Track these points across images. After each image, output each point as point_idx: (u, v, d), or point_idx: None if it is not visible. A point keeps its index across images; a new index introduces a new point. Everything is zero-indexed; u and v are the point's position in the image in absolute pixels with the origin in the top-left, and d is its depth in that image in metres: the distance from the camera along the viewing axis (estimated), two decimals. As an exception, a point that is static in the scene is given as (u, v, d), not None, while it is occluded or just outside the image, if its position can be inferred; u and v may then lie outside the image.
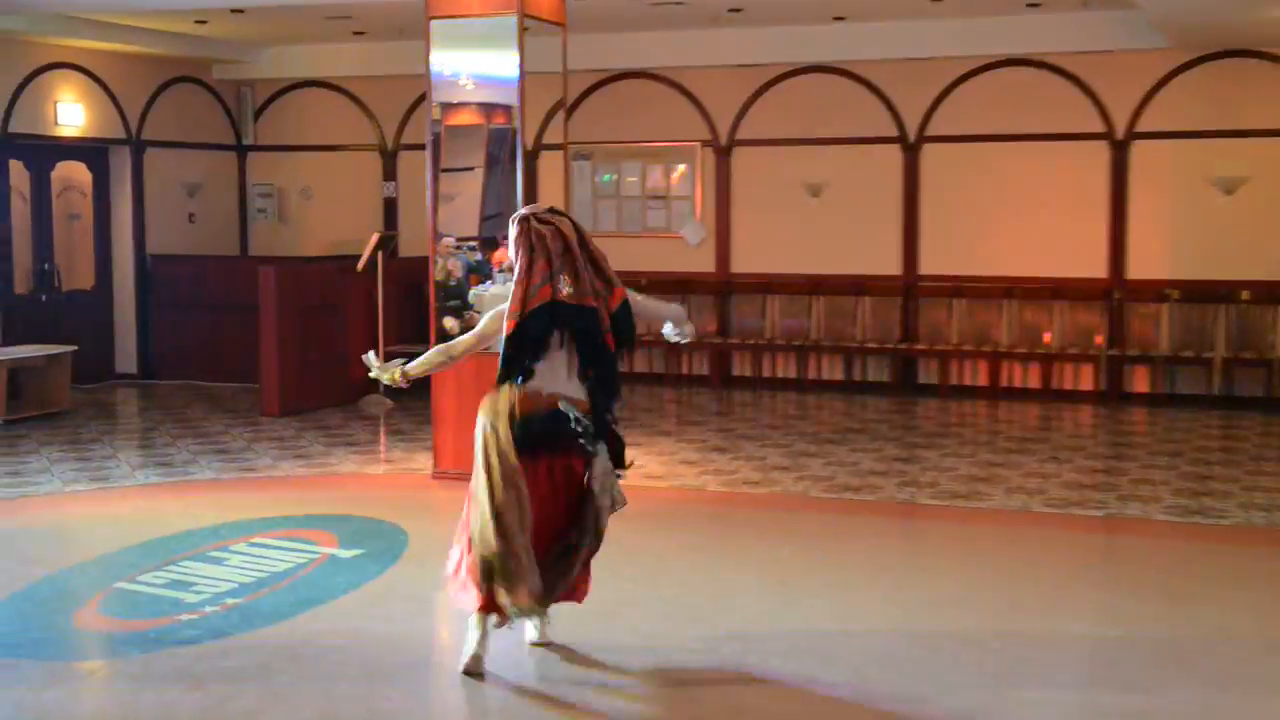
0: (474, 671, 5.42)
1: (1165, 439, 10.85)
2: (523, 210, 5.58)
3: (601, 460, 5.47)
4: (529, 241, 5.42)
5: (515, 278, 5.44)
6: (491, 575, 5.28)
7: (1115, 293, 12.69)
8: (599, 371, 5.48)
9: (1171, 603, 6.53)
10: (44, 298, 13.43)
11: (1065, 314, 12.83)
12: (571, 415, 5.40)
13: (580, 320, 5.41)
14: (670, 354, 13.83)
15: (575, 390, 5.46)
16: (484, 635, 5.44)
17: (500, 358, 5.45)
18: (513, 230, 5.52)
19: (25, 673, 5.52)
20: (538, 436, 5.38)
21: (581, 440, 5.41)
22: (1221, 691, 5.34)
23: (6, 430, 11.16)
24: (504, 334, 5.41)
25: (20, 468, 9.72)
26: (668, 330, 5.82)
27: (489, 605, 5.35)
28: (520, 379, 5.42)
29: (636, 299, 5.63)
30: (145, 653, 5.75)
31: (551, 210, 5.55)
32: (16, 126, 12.93)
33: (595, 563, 5.67)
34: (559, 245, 5.42)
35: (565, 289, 5.39)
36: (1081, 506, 8.51)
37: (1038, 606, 6.45)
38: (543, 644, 5.75)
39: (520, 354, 5.39)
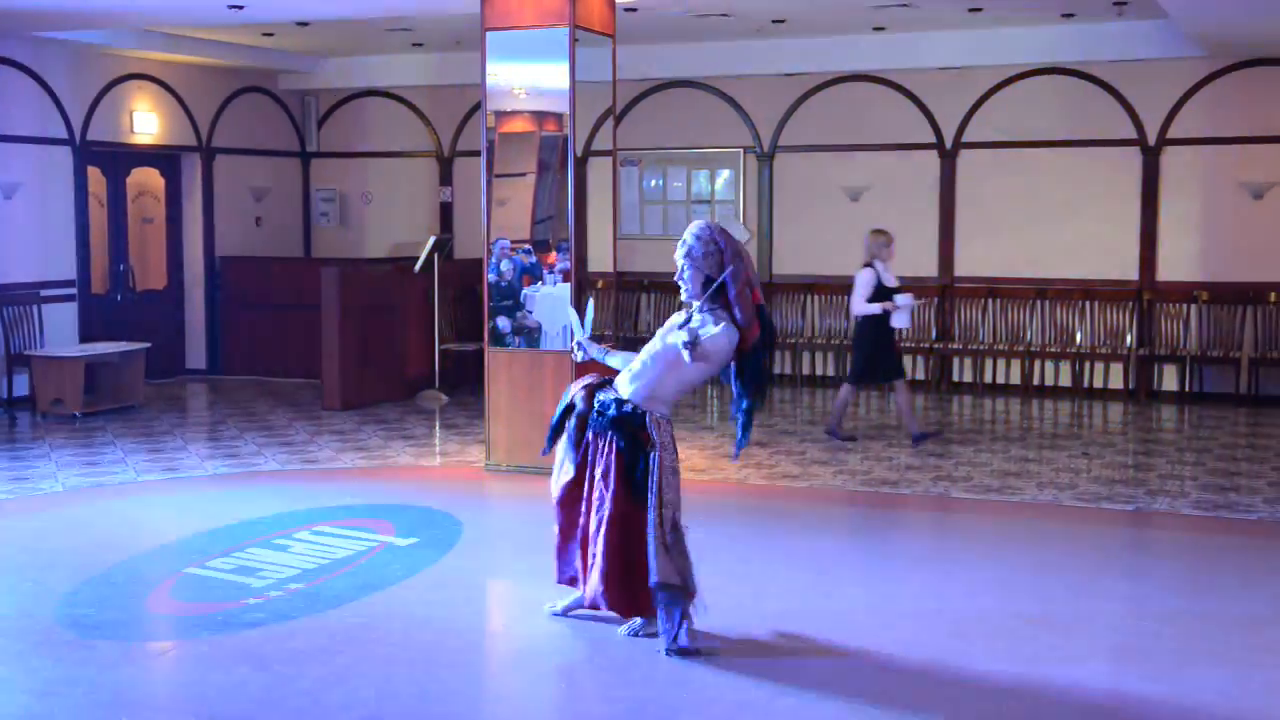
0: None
1: (1193, 436, 10.76)
2: (707, 225, 5.59)
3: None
4: (736, 252, 5.52)
5: (737, 290, 5.44)
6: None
7: (1145, 294, 12.58)
8: (755, 375, 5.59)
9: (1198, 593, 6.49)
10: (119, 297, 13.58)
11: (1096, 315, 12.72)
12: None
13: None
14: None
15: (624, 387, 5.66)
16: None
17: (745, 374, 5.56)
18: (704, 245, 5.50)
19: (100, 652, 5.61)
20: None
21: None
22: (1245, 678, 5.30)
23: (84, 423, 11.32)
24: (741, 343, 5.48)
25: (97, 458, 9.86)
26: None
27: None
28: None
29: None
30: (213, 634, 5.84)
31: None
32: (94, 135, 13.07)
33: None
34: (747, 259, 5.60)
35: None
36: (1111, 500, 8.45)
37: (1067, 596, 6.42)
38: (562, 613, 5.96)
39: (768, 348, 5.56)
